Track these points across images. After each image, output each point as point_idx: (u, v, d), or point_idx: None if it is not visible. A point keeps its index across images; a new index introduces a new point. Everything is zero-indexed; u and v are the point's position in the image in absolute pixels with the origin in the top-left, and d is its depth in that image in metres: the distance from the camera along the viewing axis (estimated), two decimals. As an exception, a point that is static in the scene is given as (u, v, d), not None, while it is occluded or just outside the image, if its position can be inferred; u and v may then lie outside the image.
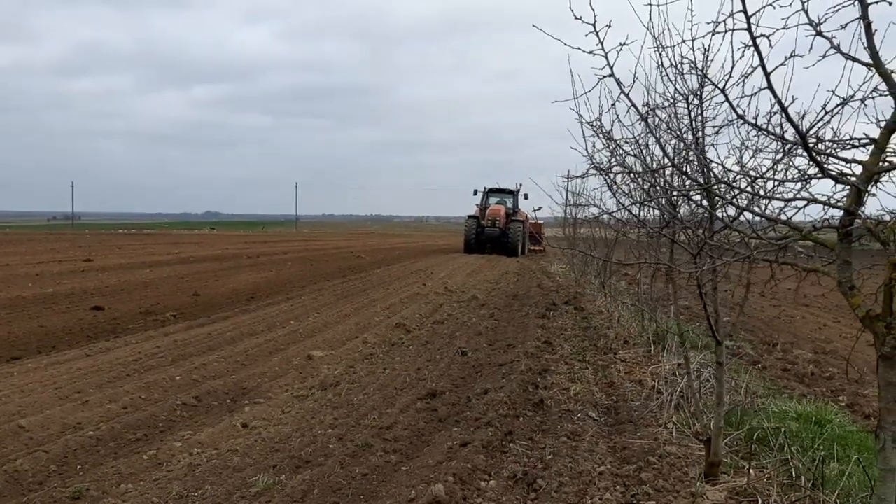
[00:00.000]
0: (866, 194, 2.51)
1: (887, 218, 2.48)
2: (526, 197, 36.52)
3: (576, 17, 3.02)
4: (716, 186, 2.89)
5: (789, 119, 2.32)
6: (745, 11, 2.25)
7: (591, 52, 3.01)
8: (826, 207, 2.56)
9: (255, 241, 45.11)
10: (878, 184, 2.67)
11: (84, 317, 11.45)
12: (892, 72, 2.49)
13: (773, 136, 2.47)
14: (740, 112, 2.53)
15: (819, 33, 2.64)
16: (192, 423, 6.25)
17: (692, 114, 3.90)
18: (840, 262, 2.55)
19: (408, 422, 6.21)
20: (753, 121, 2.54)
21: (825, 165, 2.40)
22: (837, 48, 2.60)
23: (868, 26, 2.46)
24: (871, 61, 2.48)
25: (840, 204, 2.56)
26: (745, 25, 2.30)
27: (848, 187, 2.57)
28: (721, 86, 2.62)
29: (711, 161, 2.99)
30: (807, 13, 2.64)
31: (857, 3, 2.48)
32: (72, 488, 4.69)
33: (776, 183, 2.77)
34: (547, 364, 8.38)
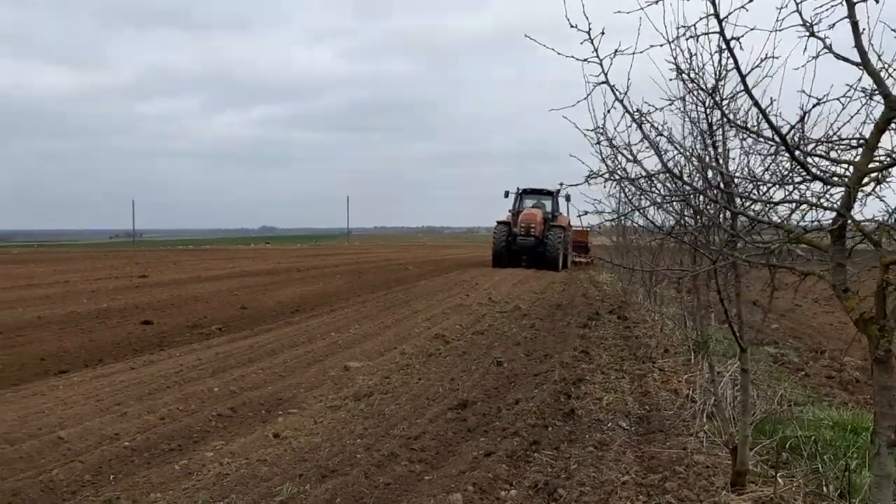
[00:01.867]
0: (860, 195, 2.45)
1: (880, 218, 2.43)
2: (568, 199, 28.71)
3: (571, 26, 3.02)
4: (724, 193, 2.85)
5: (768, 122, 2.29)
6: (717, 15, 2.23)
7: (585, 60, 3.01)
8: (819, 209, 2.51)
9: (308, 254, 45.71)
10: (881, 184, 2.62)
11: (133, 331, 11.78)
12: (881, 69, 2.44)
13: (762, 139, 2.43)
14: (729, 116, 2.49)
15: (812, 34, 2.61)
16: (225, 433, 6.38)
17: (709, 118, 3.85)
18: (834, 264, 2.50)
19: (436, 432, 6.23)
20: (744, 124, 2.51)
21: (810, 167, 2.36)
22: (829, 48, 2.57)
23: (855, 25, 2.42)
24: (859, 60, 2.44)
25: (832, 205, 2.51)
26: (724, 30, 2.28)
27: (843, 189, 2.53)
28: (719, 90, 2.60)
29: (710, 166, 2.95)
30: (800, 13, 2.61)
31: (843, 2, 2.45)
32: (103, 497, 4.84)
33: (771, 187, 2.72)
34: (582, 374, 8.31)
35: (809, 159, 2.50)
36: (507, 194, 32.47)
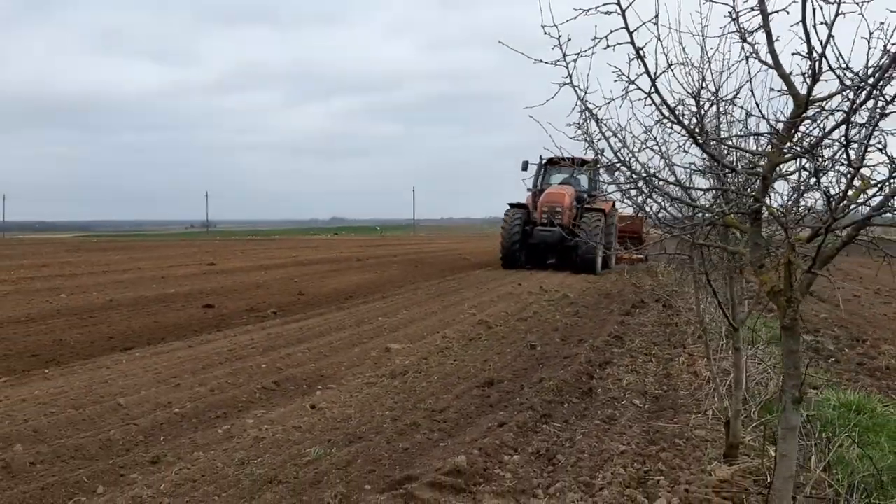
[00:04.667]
0: (772, 182, 2.78)
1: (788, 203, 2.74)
2: (612, 172, 8.95)
3: (545, 33, 3.37)
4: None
5: (676, 119, 2.62)
6: (626, 28, 2.59)
7: (554, 63, 3.38)
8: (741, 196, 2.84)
9: (372, 244, 46.63)
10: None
11: (195, 313, 12.56)
12: (791, 73, 2.76)
13: (685, 131, 2.76)
14: (666, 114, 2.84)
15: (744, 40, 2.94)
16: (267, 404, 6.94)
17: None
18: (752, 243, 2.83)
19: (459, 406, 6.67)
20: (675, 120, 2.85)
21: (721, 158, 2.69)
22: (755, 54, 2.89)
23: (769, 34, 2.74)
24: (772, 63, 2.76)
25: (751, 193, 2.83)
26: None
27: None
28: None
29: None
30: (738, 23, 2.95)
31: (760, 13, 2.77)
32: (152, 454, 5.44)
33: (699, 176, 3.04)
34: (610, 357, 8.63)
35: (735, 151, 2.83)
36: (526, 166, 23.34)
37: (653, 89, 2.59)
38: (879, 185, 2.60)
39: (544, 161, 24.01)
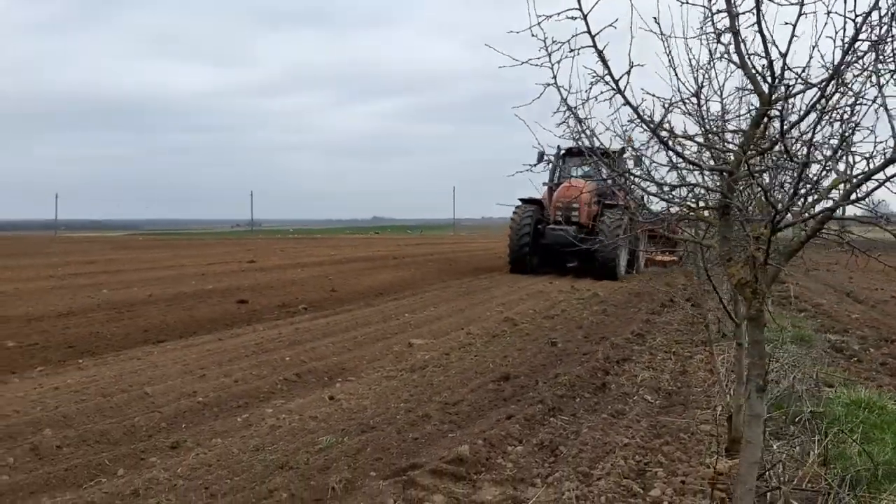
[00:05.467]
0: (740, 178, 2.87)
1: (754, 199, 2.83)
2: (639, 162, 4.60)
3: (532, 35, 3.49)
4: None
5: (639, 116, 2.73)
6: (589, 32, 2.70)
7: (539, 65, 3.49)
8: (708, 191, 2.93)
9: (410, 244, 46.92)
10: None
11: (229, 308, 12.90)
12: (756, 73, 2.85)
13: (647, 127, 2.86)
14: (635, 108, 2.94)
15: (718, 40, 3.04)
16: (287, 394, 7.16)
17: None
18: (720, 236, 2.92)
19: (473, 399, 6.80)
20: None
21: (688, 155, 2.79)
22: (727, 55, 2.99)
23: (736, 34, 2.84)
24: (739, 63, 2.86)
25: (719, 189, 2.93)
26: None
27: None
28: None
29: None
30: (714, 23, 3.04)
31: (728, 15, 2.87)
32: (172, 439, 5.68)
33: (669, 171, 3.13)
34: (629, 354, 8.68)
35: (705, 149, 2.93)
36: (541, 157, 18.94)
37: (616, 90, 2.70)
38: (845, 182, 2.69)
39: (562, 151, 20.79)
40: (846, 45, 2.39)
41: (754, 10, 2.56)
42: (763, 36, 2.56)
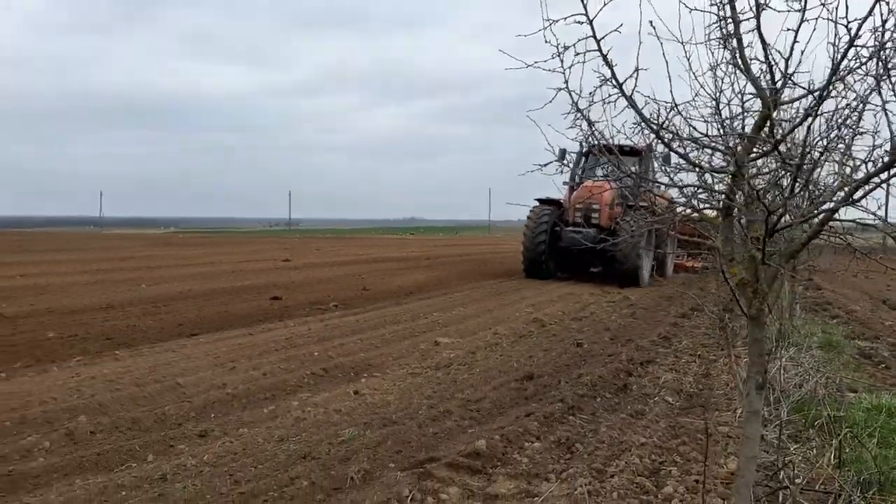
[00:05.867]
0: (743, 179, 2.95)
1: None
2: (667, 161, 4.45)
3: (546, 41, 3.58)
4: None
5: (642, 118, 2.81)
6: (594, 36, 2.80)
7: (552, 70, 3.59)
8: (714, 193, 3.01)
9: (443, 244, 47.07)
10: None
11: (262, 304, 13.15)
12: (758, 77, 2.92)
13: (650, 130, 2.94)
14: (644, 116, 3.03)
15: (725, 45, 3.12)
16: (313, 388, 7.33)
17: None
18: (723, 237, 2.99)
19: (495, 397, 6.90)
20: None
21: (692, 158, 2.87)
22: (733, 59, 3.07)
23: (739, 40, 2.91)
24: (743, 68, 2.93)
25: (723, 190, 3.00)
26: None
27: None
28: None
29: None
30: (722, 30, 3.12)
31: (731, 22, 2.95)
32: (201, 428, 5.88)
33: (679, 171, 3.20)
34: (654, 356, 8.71)
35: (706, 150, 3.00)
36: (563, 155, 16.90)
37: (620, 92, 2.79)
38: (847, 185, 2.75)
39: (584, 149, 18.91)
40: (842, 52, 2.46)
41: (754, 18, 2.63)
42: (763, 42, 2.63)
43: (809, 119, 2.62)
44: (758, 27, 2.59)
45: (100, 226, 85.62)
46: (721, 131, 3.34)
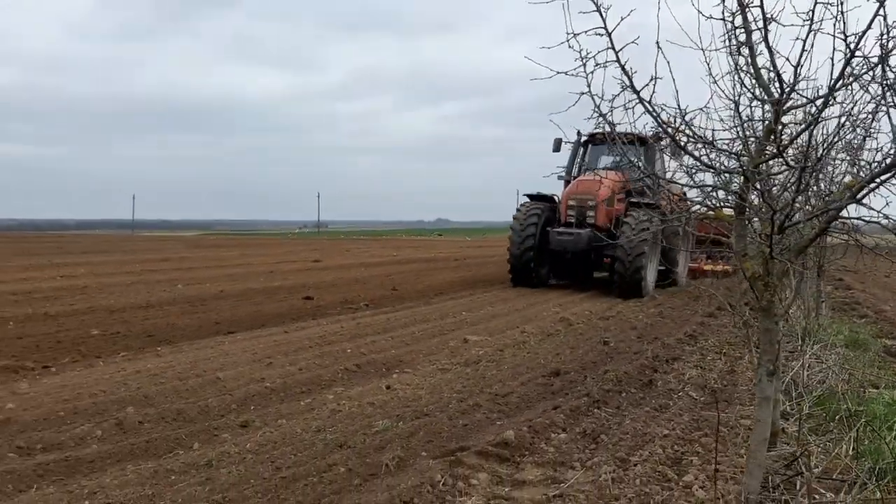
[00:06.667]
0: (756, 181, 3.15)
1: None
2: (677, 153, 4.21)
3: (569, 47, 3.80)
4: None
5: (657, 122, 3.02)
6: (613, 48, 3.01)
7: (575, 75, 3.80)
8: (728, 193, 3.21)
9: (472, 245, 47.33)
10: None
11: (295, 304, 13.49)
12: (771, 83, 3.12)
13: (661, 130, 3.15)
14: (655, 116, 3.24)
15: (739, 52, 3.32)
16: (347, 383, 7.60)
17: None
18: (736, 234, 3.20)
19: (523, 392, 7.11)
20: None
21: (704, 159, 3.07)
22: (746, 66, 3.27)
23: (751, 48, 3.12)
24: (754, 74, 3.13)
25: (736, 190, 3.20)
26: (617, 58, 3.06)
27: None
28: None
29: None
30: (734, 39, 3.33)
31: (745, 31, 3.15)
32: (242, 419, 6.17)
33: (695, 173, 3.41)
34: (680, 354, 8.86)
35: (720, 153, 3.21)
36: (558, 145, 16.92)
37: (638, 99, 3.01)
38: (853, 184, 2.94)
39: (583, 138, 17.30)
40: (843, 64, 2.65)
41: (762, 29, 2.82)
42: (770, 50, 2.83)
43: (814, 124, 2.81)
44: (765, 38, 2.79)
45: (132, 228, 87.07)
46: (739, 133, 3.54)
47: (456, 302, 14.36)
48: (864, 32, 2.62)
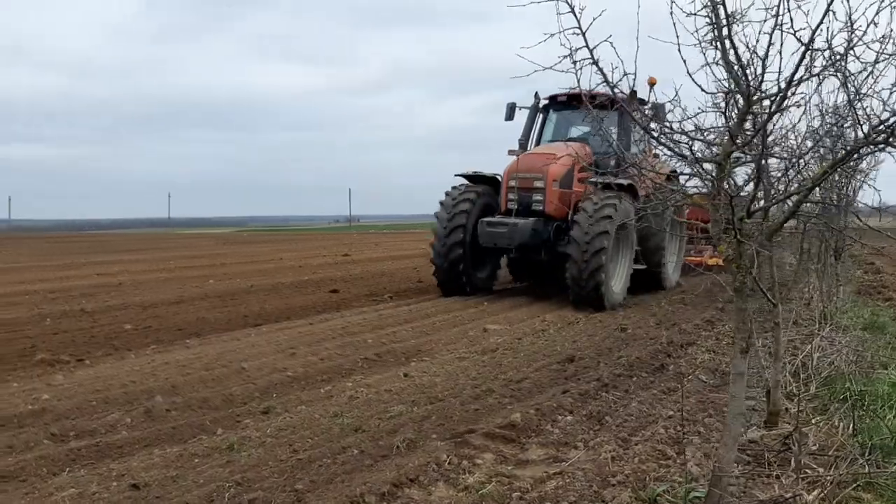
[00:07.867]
0: (727, 168, 3.32)
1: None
2: (658, 115, 3.54)
3: (561, 44, 3.94)
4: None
5: (632, 118, 3.19)
6: (587, 46, 3.20)
7: (565, 70, 3.97)
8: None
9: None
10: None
11: (321, 297, 13.81)
12: (741, 78, 3.28)
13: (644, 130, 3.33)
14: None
15: (715, 47, 3.48)
16: (367, 371, 7.86)
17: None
18: (713, 220, 3.37)
19: (536, 378, 7.31)
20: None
21: (680, 148, 3.24)
22: (725, 58, 3.43)
23: (723, 42, 3.28)
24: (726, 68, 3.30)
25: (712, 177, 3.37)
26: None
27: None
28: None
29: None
30: (717, 34, 3.49)
31: (715, 28, 3.31)
32: (264, 405, 6.46)
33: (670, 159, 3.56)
34: (695, 339, 8.99)
35: (697, 143, 3.38)
36: (511, 112, 13.77)
37: (612, 91, 3.18)
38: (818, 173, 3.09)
39: (542, 101, 13.96)
40: (799, 59, 2.81)
41: (726, 25, 2.99)
42: (733, 45, 3.00)
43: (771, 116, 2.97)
44: (728, 35, 2.96)
45: (168, 226, 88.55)
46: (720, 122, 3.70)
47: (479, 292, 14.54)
48: (817, 27, 2.78)
